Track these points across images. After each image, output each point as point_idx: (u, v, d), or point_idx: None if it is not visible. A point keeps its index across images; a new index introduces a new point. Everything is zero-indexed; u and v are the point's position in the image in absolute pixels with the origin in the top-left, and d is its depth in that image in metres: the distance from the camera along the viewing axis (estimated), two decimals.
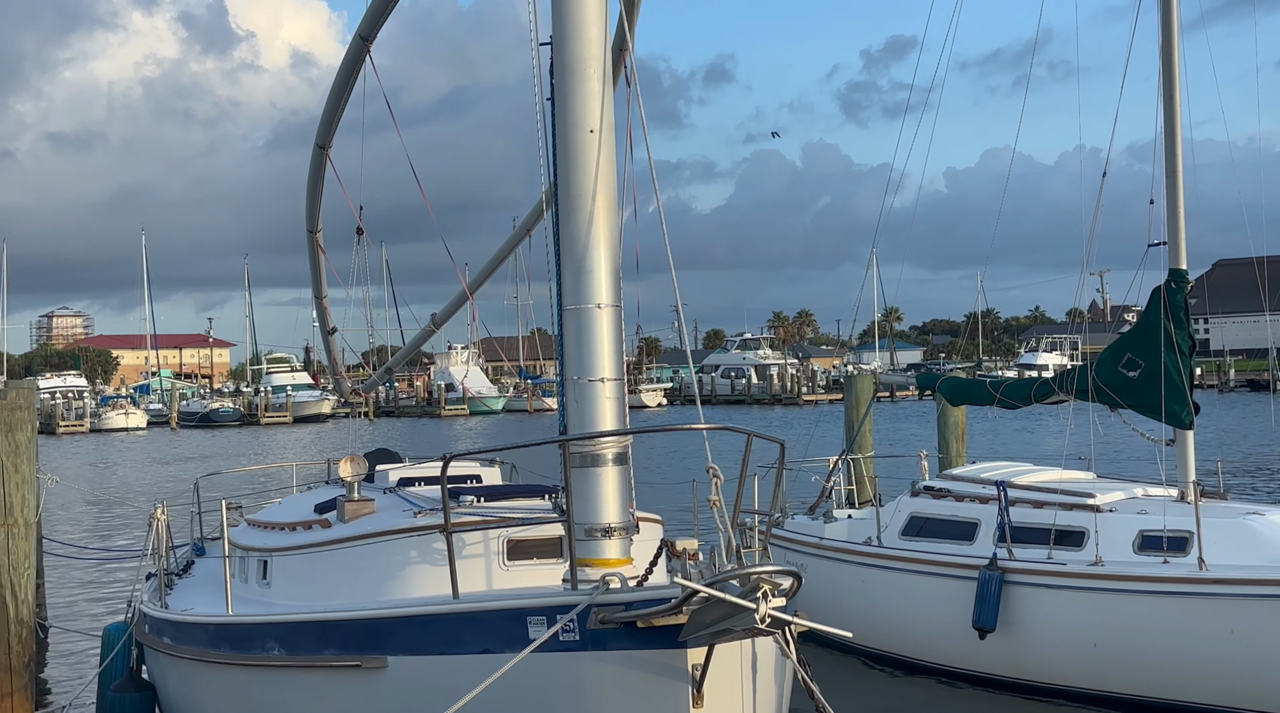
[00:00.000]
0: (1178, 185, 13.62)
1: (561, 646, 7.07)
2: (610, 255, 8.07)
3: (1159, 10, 13.74)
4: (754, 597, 6.33)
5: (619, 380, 8.12)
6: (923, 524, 14.72)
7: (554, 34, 8.12)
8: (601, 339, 8.03)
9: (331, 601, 9.32)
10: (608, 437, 7.92)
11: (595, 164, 7.96)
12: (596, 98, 8.01)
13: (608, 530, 7.86)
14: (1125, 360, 13.87)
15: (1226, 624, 11.68)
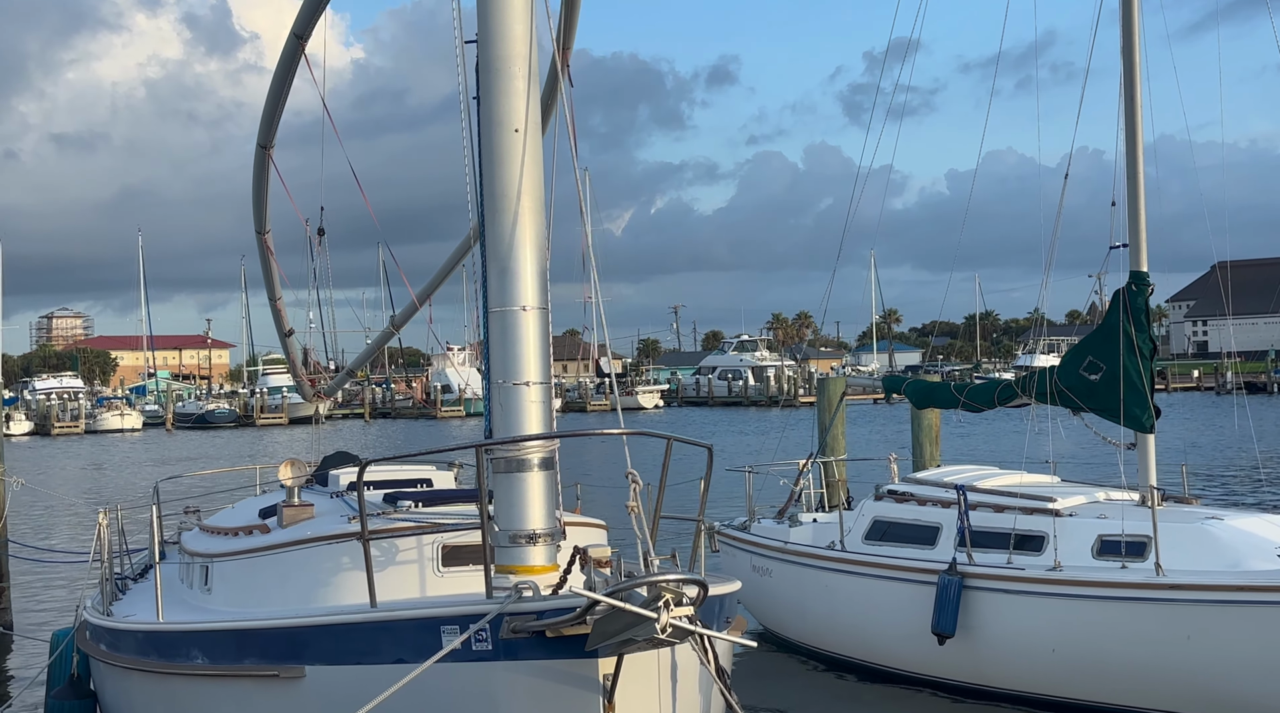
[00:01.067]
0: (1139, 188, 13.51)
1: (474, 655, 6.97)
2: (536, 257, 7.95)
3: (1120, 13, 13.63)
4: (655, 606, 6.21)
5: (545, 384, 8.00)
6: (886, 528, 14.61)
7: (479, 32, 8.00)
8: (527, 342, 7.91)
9: (266, 607, 9.21)
10: (531, 441, 7.79)
11: (520, 164, 7.84)
12: (521, 96, 7.89)
13: (532, 537, 7.73)
14: (1086, 363, 13.74)
15: (1184, 630, 11.56)
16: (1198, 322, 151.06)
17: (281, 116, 11.45)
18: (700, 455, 8.86)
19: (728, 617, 8.63)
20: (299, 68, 10.91)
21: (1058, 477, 15.21)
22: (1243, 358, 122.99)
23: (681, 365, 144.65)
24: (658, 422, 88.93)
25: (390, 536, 8.81)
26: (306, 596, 9.01)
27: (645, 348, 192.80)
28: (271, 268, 13.28)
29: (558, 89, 10.65)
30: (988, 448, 15.89)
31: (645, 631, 6.35)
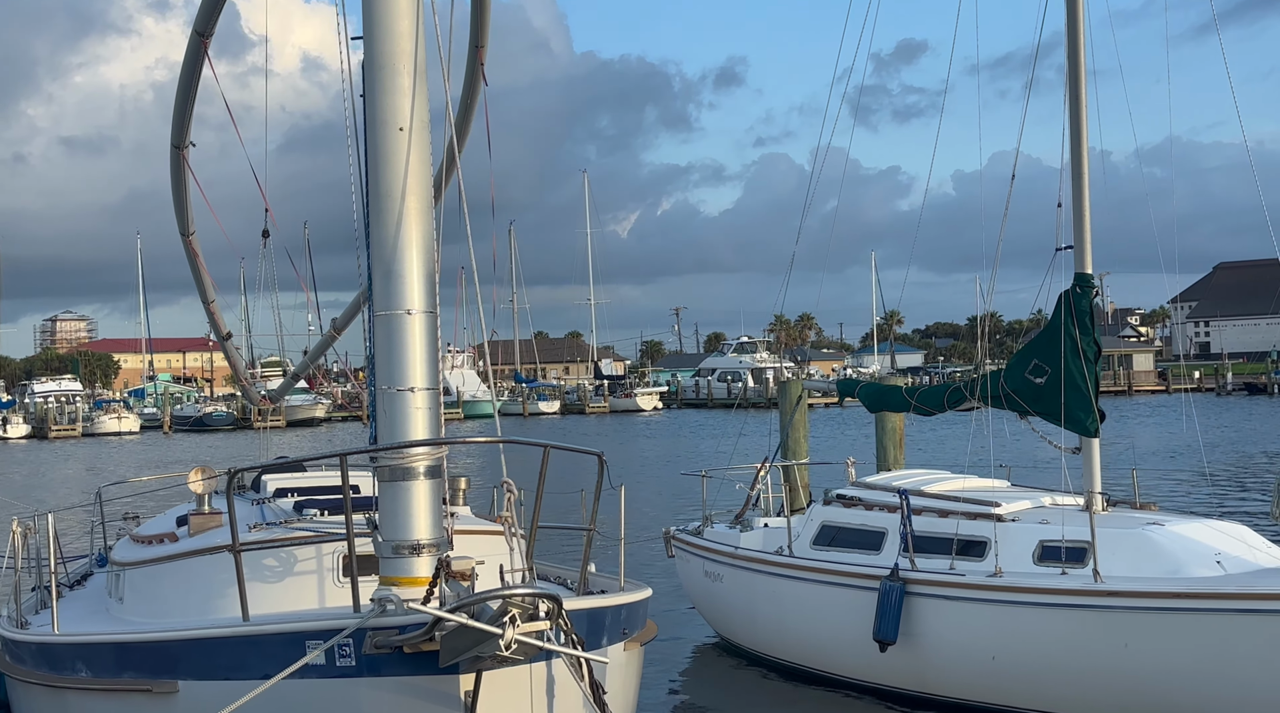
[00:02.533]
0: (1083, 189, 13.30)
1: (339, 671, 6.79)
2: (423, 259, 7.77)
3: (1065, 12, 13.43)
4: (501, 622, 6.02)
5: (432, 390, 7.81)
6: (834, 534, 14.40)
7: (364, 28, 7.83)
8: (413, 347, 7.72)
9: (165, 618, 9.03)
10: (417, 447, 7.61)
11: (405, 163, 7.66)
12: (407, 94, 7.71)
13: (416, 548, 7.54)
14: (1032, 366, 13.53)
15: (1121, 638, 11.35)
16: (1200, 323, 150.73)
17: (192, 115, 11.28)
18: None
19: (624, 629, 8.43)
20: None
21: (1008, 481, 15.00)
22: (1245, 359, 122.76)
23: (683, 367, 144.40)
24: (655, 424, 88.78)
25: (262, 547, 8.63)
26: (203, 607, 8.82)
27: (648, 350, 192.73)
28: (201, 271, 13.11)
29: (476, 88, 10.48)
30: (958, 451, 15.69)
31: (493, 647, 6.17)
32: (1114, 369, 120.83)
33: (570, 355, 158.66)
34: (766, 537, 15.43)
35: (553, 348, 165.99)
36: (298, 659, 6.84)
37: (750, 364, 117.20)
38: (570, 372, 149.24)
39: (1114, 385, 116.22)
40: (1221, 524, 12.54)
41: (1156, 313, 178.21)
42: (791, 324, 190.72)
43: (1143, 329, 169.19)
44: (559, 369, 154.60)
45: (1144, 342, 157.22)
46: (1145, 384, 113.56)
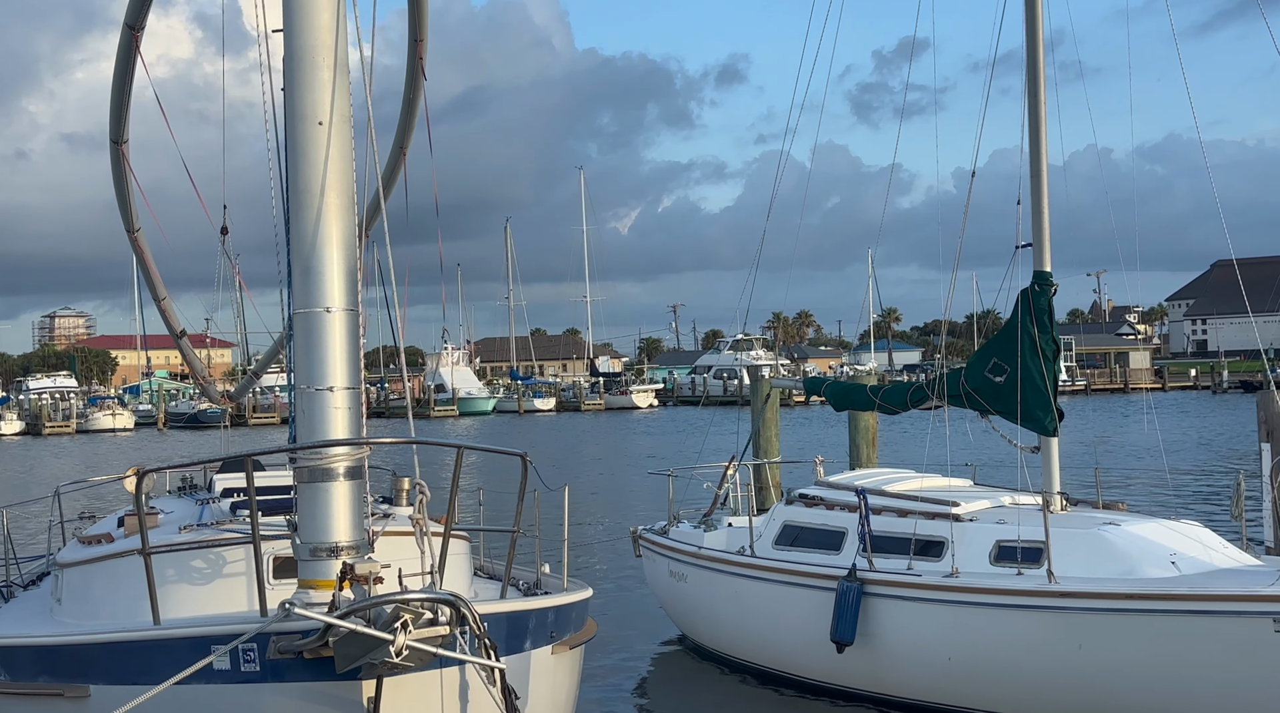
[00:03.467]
0: (1042, 187, 13.18)
1: (243, 676, 6.67)
2: (344, 256, 7.63)
3: (1024, 13, 13.31)
4: (393, 628, 5.89)
5: (352, 389, 7.67)
6: (796, 534, 14.28)
7: (284, 21, 7.69)
8: (332, 345, 7.59)
9: (94, 621, 8.91)
10: (332, 448, 7.47)
11: (324, 158, 7.53)
12: (327, 88, 7.58)
13: (334, 550, 7.40)
14: (991, 365, 13.40)
15: (1075, 639, 11.22)
16: (1197, 321, 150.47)
17: (129, 109, 11.14)
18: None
19: (552, 632, 8.30)
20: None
21: (971, 481, 14.87)
22: (1242, 356, 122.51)
23: (680, 365, 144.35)
24: (651, 421, 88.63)
25: (171, 550, 8.50)
26: (129, 610, 8.69)
27: (646, 347, 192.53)
28: (149, 268, 12.98)
29: (418, 84, 10.35)
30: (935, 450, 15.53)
31: (385, 653, 6.04)
32: (1110, 367, 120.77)
33: (568, 352, 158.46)
34: (730, 536, 15.31)
35: (550, 345, 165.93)
36: (205, 664, 6.72)
37: (747, 362, 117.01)
38: (568, 369, 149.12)
39: (1110, 383, 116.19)
40: (1178, 524, 12.41)
41: (1155, 311, 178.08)
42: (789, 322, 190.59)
43: (1141, 327, 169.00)
44: (557, 366, 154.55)
45: (1142, 339, 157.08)
46: (1142, 382, 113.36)
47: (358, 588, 6.32)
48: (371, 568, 6.64)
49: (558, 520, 10.67)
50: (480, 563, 12.97)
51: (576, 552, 25.23)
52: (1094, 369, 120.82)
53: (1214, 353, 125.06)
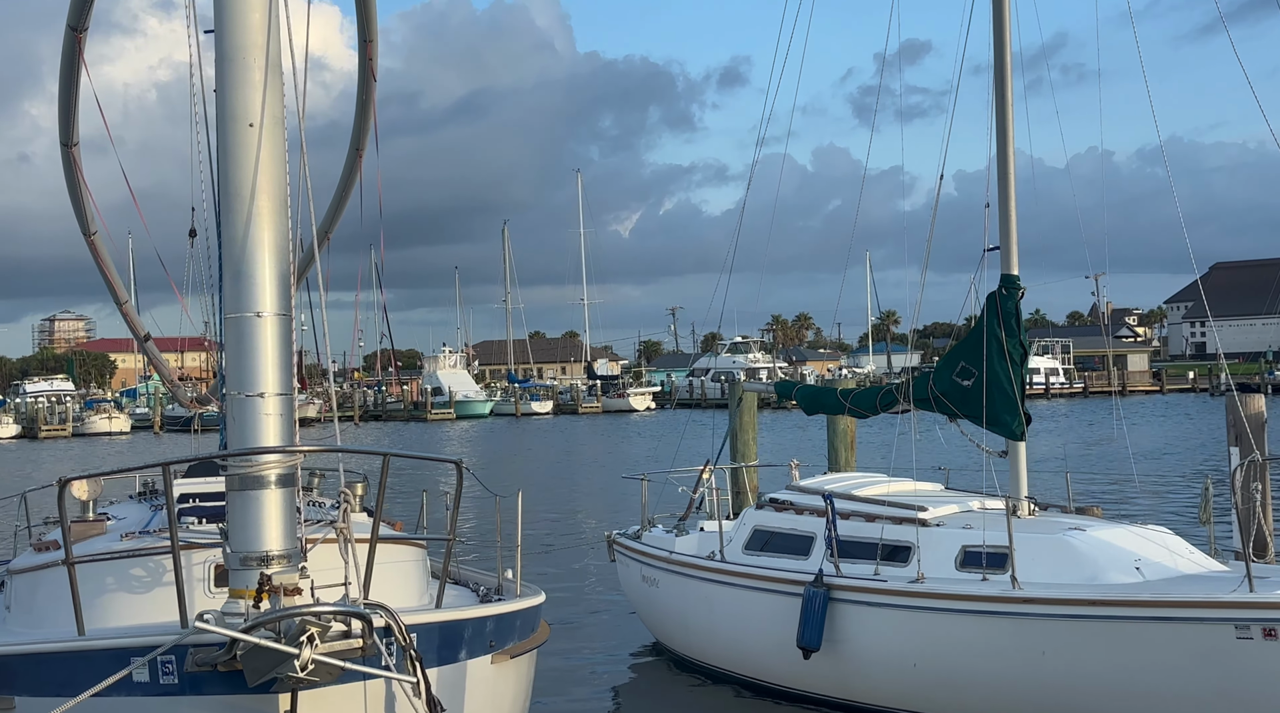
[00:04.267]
0: (1009, 190, 13.07)
1: (162, 689, 6.55)
2: (276, 260, 7.51)
3: (991, 16, 13.20)
4: (299, 641, 5.77)
5: (284, 396, 7.54)
6: (766, 538, 14.16)
7: (215, 20, 7.58)
8: (263, 351, 7.46)
9: (37, 630, 8.80)
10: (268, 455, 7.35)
11: (255, 160, 7.41)
12: (258, 89, 7.46)
13: (265, 559, 7.28)
14: (959, 369, 13.28)
15: (1039, 646, 11.09)
16: (1195, 323, 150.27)
17: (78, 111, 11.03)
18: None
19: (491, 641, 8.17)
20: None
21: (941, 485, 14.76)
22: (1241, 359, 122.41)
23: (679, 367, 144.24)
24: (648, 424, 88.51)
25: (94, 560, 8.38)
26: (65, 618, 8.58)
27: (645, 350, 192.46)
28: (108, 272, 12.87)
29: (370, 86, 10.24)
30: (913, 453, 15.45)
31: (291, 667, 5.93)
32: (1109, 369, 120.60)
33: (566, 355, 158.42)
34: (701, 541, 15.18)
35: (549, 348, 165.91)
36: (123, 677, 6.60)
37: (744, 364, 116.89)
38: (567, 371, 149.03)
39: (1108, 386, 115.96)
40: (1145, 530, 12.29)
41: (1154, 313, 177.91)
42: (789, 324, 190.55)
43: (1140, 329, 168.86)
44: (555, 369, 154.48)
45: (1141, 342, 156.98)
46: (1140, 385, 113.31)
47: (275, 599, 6.20)
48: (289, 579, 6.51)
49: (534, 524, 10.57)
50: (451, 569, 12.85)
51: (558, 555, 25.18)
52: (1092, 372, 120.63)
53: (1213, 355, 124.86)
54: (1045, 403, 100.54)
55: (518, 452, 65.50)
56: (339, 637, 6.20)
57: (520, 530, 10.21)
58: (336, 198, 11.78)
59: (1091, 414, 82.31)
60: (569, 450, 63.85)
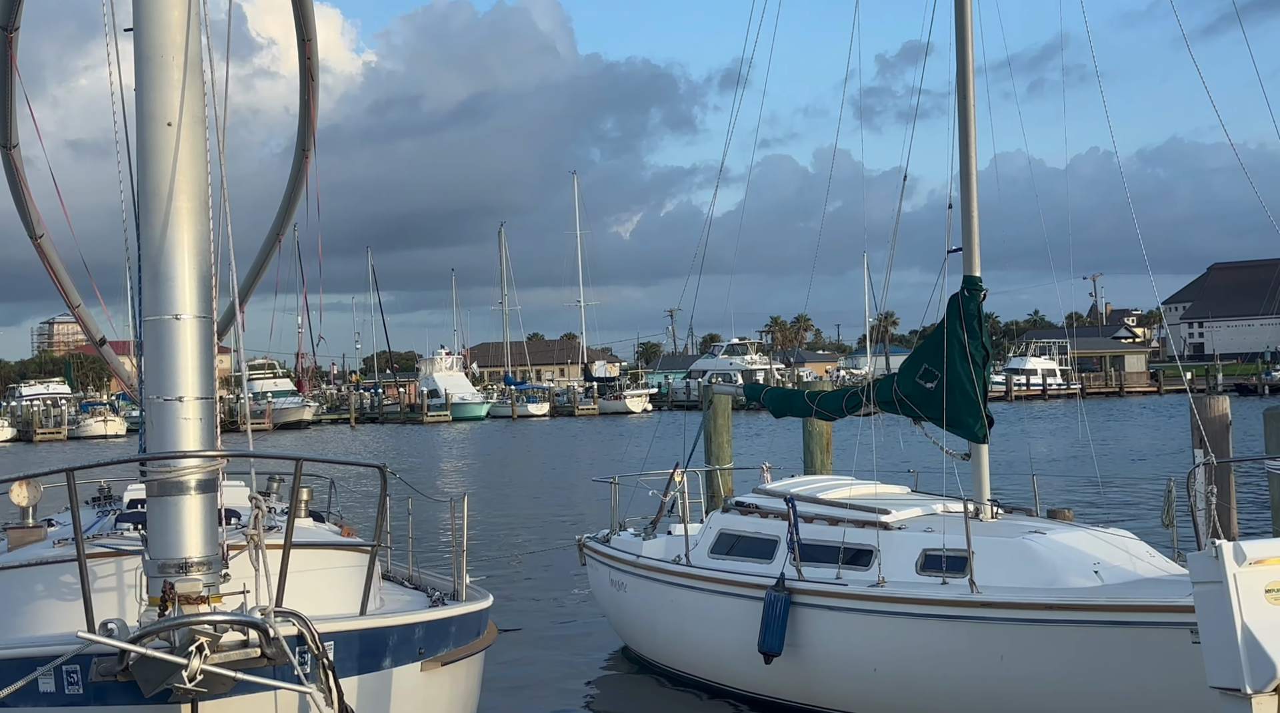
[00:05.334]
0: (971, 191, 12.92)
1: (68, 699, 6.41)
2: (197, 261, 7.38)
3: (954, 14, 13.07)
4: (188, 651, 5.63)
5: (206, 400, 7.41)
6: (731, 542, 14.03)
7: (134, 18, 7.45)
8: (182, 354, 7.33)
9: None
10: (188, 460, 7.21)
11: (173, 160, 7.28)
12: (177, 88, 7.34)
13: (184, 566, 7.14)
14: (922, 371, 13.13)
15: (997, 650, 10.95)
16: (1193, 324, 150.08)
17: (14, 111, 10.89)
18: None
19: (421, 648, 8.01)
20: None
21: (908, 488, 14.61)
22: (1239, 360, 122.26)
23: (678, 369, 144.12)
24: (644, 426, 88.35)
25: (18, 567, 8.26)
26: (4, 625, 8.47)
27: (644, 352, 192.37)
28: (57, 276, 12.72)
29: (312, 87, 10.11)
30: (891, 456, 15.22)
31: (179, 678, 5.78)
32: (1106, 370, 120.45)
33: (564, 357, 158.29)
34: (668, 545, 15.05)
35: (548, 350, 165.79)
36: (28, 686, 6.47)
37: (741, 366, 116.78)
38: (565, 374, 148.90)
39: (1105, 387, 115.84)
40: (1106, 533, 12.15)
41: (1153, 314, 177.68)
42: (787, 326, 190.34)
43: (1138, 330, 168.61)
44: (554, 371, 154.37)
45: (1140, 343, 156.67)
46: (1137, 385, 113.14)
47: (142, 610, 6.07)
48: (190, 587, 6.37)
49: (516, 527, 10.42)
50: (409, 573, 12.72)
51: (537, 558, 25.04)
52: (1089, 372, 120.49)
53: (1210, 356, 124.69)
54: (1043, 404, 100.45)
55: (510, 453, 65.42)
56: (237, 646, 6.08)
57: (465, 535, 10.08)
58: (286, 200, 11.65)
59: (1088, 415, 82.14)
60: (561, 452, 63.74)
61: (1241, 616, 7.87)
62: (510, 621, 18.55)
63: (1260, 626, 7.82)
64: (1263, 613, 7.83)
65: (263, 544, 6.69)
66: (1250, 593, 7.91)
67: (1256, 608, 7.87)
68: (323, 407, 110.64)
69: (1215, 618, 8.08)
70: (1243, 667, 7.87)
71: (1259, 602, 7.89)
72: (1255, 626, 7.82)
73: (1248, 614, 7.87)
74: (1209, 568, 8.11)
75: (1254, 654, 7.81)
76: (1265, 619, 7.83)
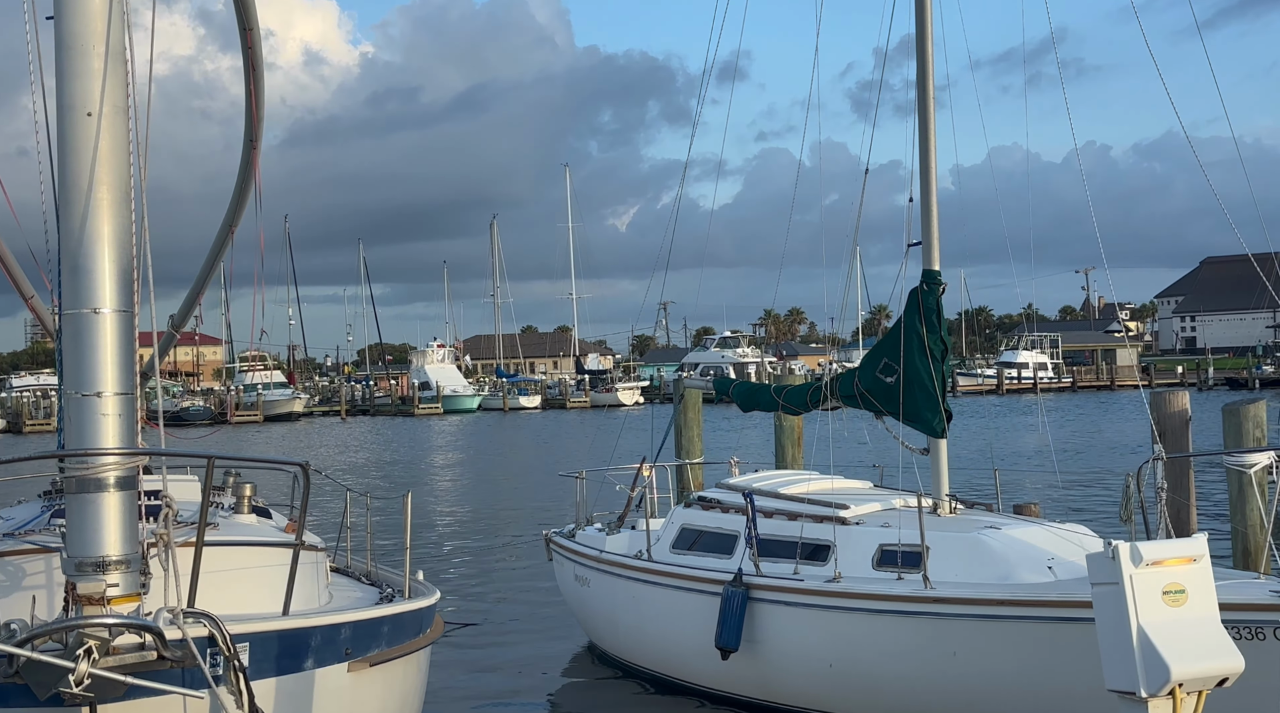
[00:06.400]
0: (931, 184, 12.82)
1: None
2: (117, 254, 7.24)
3: (914, 11, 12.96)
4: (75, 655, 5.50)
5: (125, 395, 7.27)
6: (693, 537, 13.92)
7: (54, 6, 7.32)
8: (102, 349, 7.20)
9: None
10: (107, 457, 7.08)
11: (93, 151, 7.15)
12: (97, 77, 7.20)
13: (102, 564, 7.01)
14: (882, 366, 13.03)
15: (950, 646, 10.87)
16: (1185, 317, 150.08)
17: None
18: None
19: (347, 648, 7.89)
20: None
21: (870, 482, 14.52)
22: (1231, 354, 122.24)
23: (671, 362, 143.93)
24: (634, 419, 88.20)
25: None
26: None
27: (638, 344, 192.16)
28: (10, 266, 12.57)
29: (256, 77, 9.98)
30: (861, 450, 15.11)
31: (66, 682, 5.66)
32: (1097, 364, 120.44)
33: (556, 350, 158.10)
34: (631, 540, 14.96)
35: (541, 342, 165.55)
36: None
37: (733, 359, 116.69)
38: (559, 366, 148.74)
39: (1097, 380, 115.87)
40: (1061, 528, 12.07)
41: (1146, 308, 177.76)
42: (781, 319, 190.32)
43: (1131, 324, 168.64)
44: (548, 363, 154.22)
45: (1133, 337, 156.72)
46: (1128, 379, 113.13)
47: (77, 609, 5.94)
48: (94, 588, 6.26)
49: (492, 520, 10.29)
50: (368, 569, 12.62)
51: (508, 551, 24.93)
52: (1080, 366, 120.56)
53: (1202, 350, 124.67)
54: (1033, 397, 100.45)
55: (498, 446, 65.30)
56: (134, 649, 5.96)
57: (409, 532, 9.97)
58: (236, 193, 11.50)
59: (1077, 409, 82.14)
60: (549, 445, 63.61)
61: (1137, 618, 7.78)
62: (480, 615, 18.46)
63: (1156, 628, 7.73)
64: (1159, 615, 7.74)
65: (172, 543, 6.57)
66: (1147, 595, 7.82)
67: (1153, 610, 7.78)
68: (314, 399, 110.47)
69: (1112, 620, 8.00)
70: (1138, 670, 7.79)
71: (1156, 604, 7.80)
72: (1151, 628, 7.73)
73: (1144, 616, 7.79)
74: (1106, 569, 8.02)
75: (1149, 658, 7.73)
76: (1161, 621, 7.74)
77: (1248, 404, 13.77)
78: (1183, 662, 7.74)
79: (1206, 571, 8.10)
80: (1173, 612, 7.70)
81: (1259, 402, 13.96)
